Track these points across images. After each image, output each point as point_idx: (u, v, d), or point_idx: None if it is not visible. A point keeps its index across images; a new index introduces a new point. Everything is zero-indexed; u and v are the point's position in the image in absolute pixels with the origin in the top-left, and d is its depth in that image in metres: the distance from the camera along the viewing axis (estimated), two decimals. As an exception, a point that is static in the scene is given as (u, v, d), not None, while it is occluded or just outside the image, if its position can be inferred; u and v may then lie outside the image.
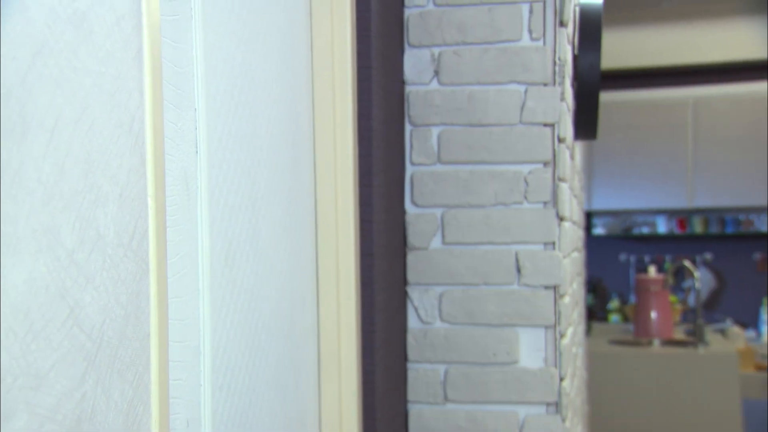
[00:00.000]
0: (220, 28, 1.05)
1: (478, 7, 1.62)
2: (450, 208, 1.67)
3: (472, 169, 1.65)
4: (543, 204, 1.64)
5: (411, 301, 1.69)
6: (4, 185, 0.62)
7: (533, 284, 1.65)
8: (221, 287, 1.04)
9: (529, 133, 1.63)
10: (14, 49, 0.64)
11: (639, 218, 5.52)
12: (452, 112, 1.65)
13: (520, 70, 1.62)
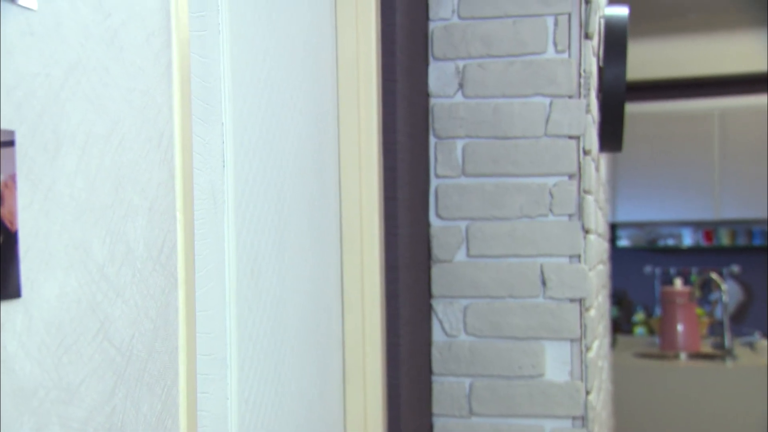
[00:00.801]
0: (246, 43, 1.06)
1: (502, 20, 1.62)
2: (475, 221, 1.66)
3: (497, 181, 1.65)
4: (568, 216, 1.63)
5: (435, 314, 1.69)
6: (38, 201, 0.63)
7: (559, 297, 1.64)
8: (247, 300, 1.04)
9: (554, 146, 1.62)
10: (48, 67, 0.65)
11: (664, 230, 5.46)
12: (477, 125, 1.65)
13: (545, 82, 1.62)
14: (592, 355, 1.75)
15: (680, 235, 5.48)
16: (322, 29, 1.32)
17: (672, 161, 5.17)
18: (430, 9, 1.65)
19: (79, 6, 0.69)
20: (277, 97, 1.15)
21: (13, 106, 0.61)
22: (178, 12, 0.83)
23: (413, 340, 1.56)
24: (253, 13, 1.08)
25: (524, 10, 1.61)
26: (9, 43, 0.61)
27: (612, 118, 1.76)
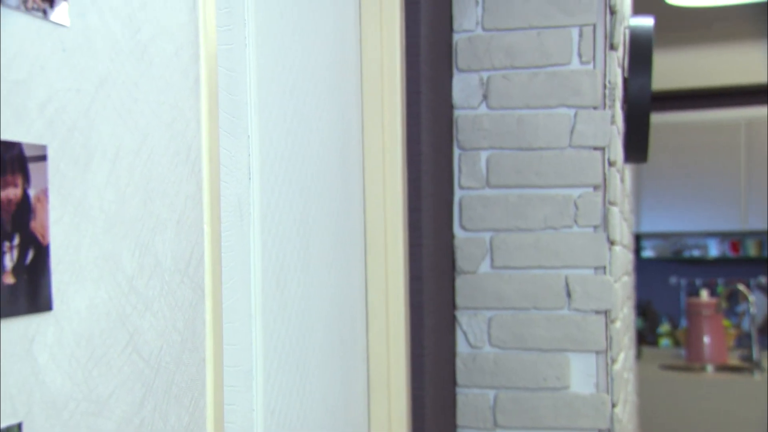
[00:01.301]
0: (272, 56, 1.07)
1: (526, 31, 1.62)
2: (499, 232, 1.65)
3: (521, 193, 1.64)
4: (593, 228, 1.62)
5: (460, 326, 1.68)
6: (68, 214, 0.64)
7: (584, 309, 1.62)
8: (273, 311, 1.05)
9: (578, 157, 1.61)
10: (79, 82, 0.66)
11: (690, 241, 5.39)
12: (501, 136, 1.64)
13: (570, 93, 1.61)
14: (618, 368, 1.73)
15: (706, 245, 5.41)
16: (346, 41, 1.33)
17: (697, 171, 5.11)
18: (454, 21, 1.66)
19: (110, 22, 0.70)
20: (302, 108, 1.16)
21: (46, 121, 0.62)
22: (206, 26, 0.83)
23: (437, 352, 1.55)
24: (278, 26, 1.09)
25: (549, 21, 1.61)
26: (42, 60, 0.62)
27: (637, 128, 1.75)
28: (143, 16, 0.74)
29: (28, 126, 0.60)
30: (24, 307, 0.59)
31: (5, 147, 0.58)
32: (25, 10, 0.60)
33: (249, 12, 1.01)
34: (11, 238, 0.58)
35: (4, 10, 0.58)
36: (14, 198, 0.58)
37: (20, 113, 0.59)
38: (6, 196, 0.58)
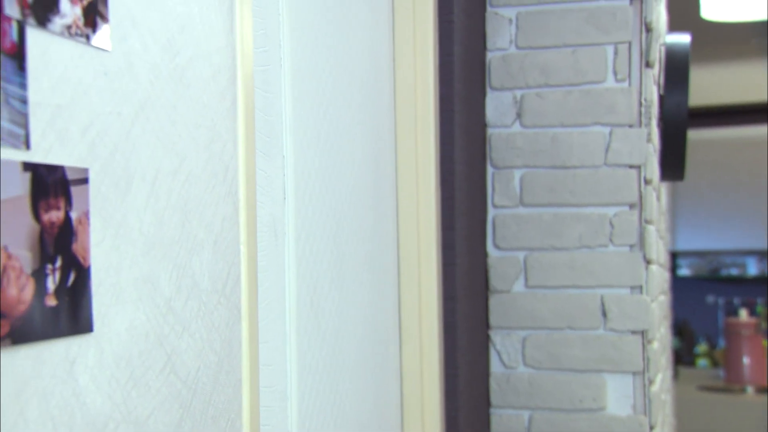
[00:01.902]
0: (307, 76, 1.08)
1: (561, 49, 1.61)
2: (533, 251, 1.64)
3: (556, 211, 1.63)
4: (629, 247, 1.60)
5: (493, 345, 1.66)
6: (109, 237, 0.65)
7: (620, 329, 1.60)
8: (307, 331, 1.05)
9: (614, 175, 1.60)
10: (120, 106, 0.67)
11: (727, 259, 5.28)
12: (535, 155, 1.63)
13: (605, 111, 1.59)
14: (656, 389, 1.69)
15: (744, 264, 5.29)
16: (379, 60, 1.33)
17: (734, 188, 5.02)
18: (487, 39, 1.66)
19: (150, 46, 0.71)
20: (336, 128, 1.17)
21: (88, 144, 0.63)
22: (244, 48, 0.84)
23: (471, 372, 1.54)
24: (313, 47, 1.09)
25: (583, 39, 1.60)
26: (85, 84, 0.63)
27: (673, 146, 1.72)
28: (182, 39, 0.75)
29: (70, 149, 0.61)
30: (66, 328, 0.59)
31: (48, 170, 0.59)
32: (68, 36, 0.61)
33: (284, 33, 1.02)
34: (54, 261, 0.59)
35: (48, 36, 0.59)
36: (57, 221, 0.59)
37: (63, 137, 0.61)
38: (49, 219, 0.58)
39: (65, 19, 0.61)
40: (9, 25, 0.55)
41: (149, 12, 0.70)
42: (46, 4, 0.59)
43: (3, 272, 0.54)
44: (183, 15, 0.75)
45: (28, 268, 0.56)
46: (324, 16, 1.12)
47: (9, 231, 0.54)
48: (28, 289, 0.56)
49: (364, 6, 1.26)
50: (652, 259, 1.63)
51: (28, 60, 0.57)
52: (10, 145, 0.55)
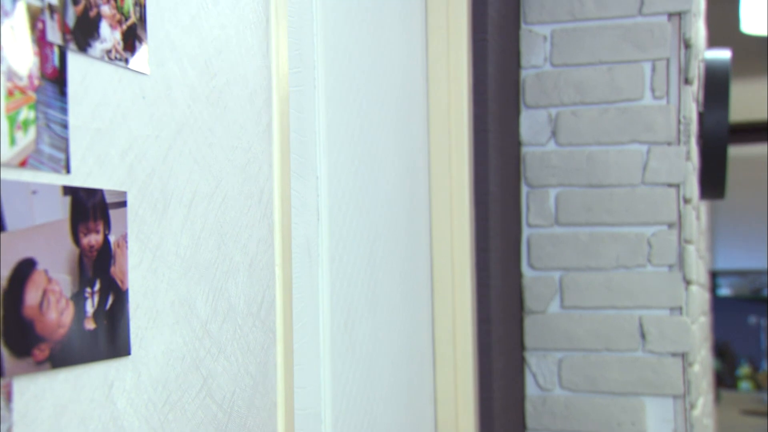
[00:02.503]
0: (340, 97, 1.08)
1: (597, 66, 1.59)
2: (569, 272, 1.61)
3: (592, 231, 1.60)
4: (668, 267, 1.56)
5: (529, 367, 1.64)
6: (146, 260, 0.65)
7: (659, 351, 1.56)
8: (341, 354, 1.04)
9: (652, 194, 1.57)
10: (158, 129, 0.68)
11: (769, 278, 5.16)
12: (570, 173, 1.61)
13: (642, 129, 1.57)
14: (698, 413, 1.65)
15: (787, 283, 5.16)
16: (413, 80, 1.33)
17: (776, 205, 4.90)
18: (521, 57, 1.64)
19: (187, 69, 0.71)
20: (370, 148, 1.16)
21: (126, 167, 0.63)
22: (279, 70, 0.85)
23: (506, 395, 1.51)
24: (347, 67, 1.09)
25: (620, 56, 1.58)
26: (124, 108, 0.63)
27: (713, 164, 1.69)
28: (219, 62, 0.75)
29: (109, 173, 0.62)
30: (104, 352, 0.59)
31: (88, 194, 0.59)
32: (108, 60, 0.62)
33: (318, 54, 1.02)
34: (92, 284, 0.59)
35: (89, 60, 0.60)
36: (96, 244, 0.59)
37: (102, 161, 0.61)
38: (88, 243, 0.59)
39: (105, 44, 0.61)
40: (51, 51, 0.56)
41: (187, 35, 0.71)
42: (87, 29, 0.59)
43: (43, 296, 0.54)
44: (220, 38, 0.75)
45: (68, 291, 0.56)
46: (357, 36, 1.13)
47: (49, 255, 0.54)
48: (68, 313, 0.56)
49: (397, 25, 1.26)
50: (692, 280, 1.59)
51: (68, 85, 0.58)
52: (50, 170, 0.55)
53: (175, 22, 0.69)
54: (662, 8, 1.56)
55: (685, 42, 1.57)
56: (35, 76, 0.54)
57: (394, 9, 1.25)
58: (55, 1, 0.56)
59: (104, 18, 0.61)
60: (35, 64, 0.54)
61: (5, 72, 0.52)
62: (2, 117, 0.51)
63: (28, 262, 0.53)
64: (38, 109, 0.54)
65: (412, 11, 1.33)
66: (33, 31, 0.54)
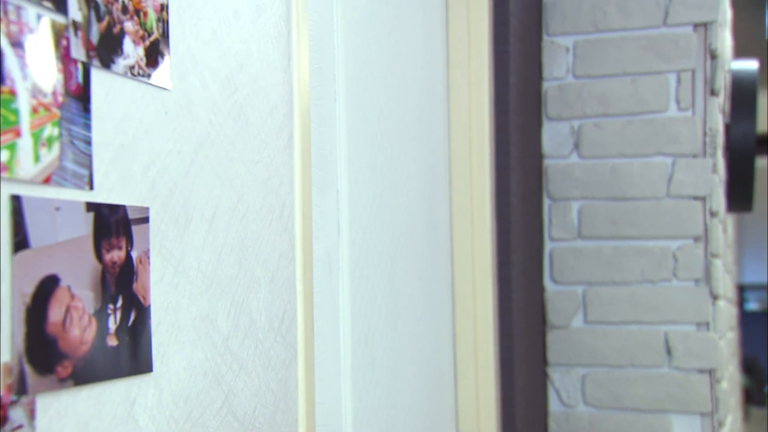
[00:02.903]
0: (361, 110, 1.07)
1: (620, 78, 1.58)
2: (592, 286, 1.59)
3: (616, 244, 1.58)
4: (694, 282, 1.53)
5: (552, 383, 1.61)
6: (168, 275, 0.65)
7: (686, 367, 1.53)
8: (361, 369, 1.03)
9: (677, 207, 1.54)
10: (180, 144, 0.67)
11: (798, 291, 5.06)
12: (594, 186, 1.59)
13: (667, 141, 1.55)
14: (726, 431, 1.61)
15: (816, 296, 5.07)
16: (434, 91, 1.32)
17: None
18: (543, 68, 1.63)
19: (209, 83, 0.71)
20: (390, 161, 1.16)
21: (148, 183, 0.63)
22: (300, 84, 0.84)
23: (529, 411, 1.49)
24: (367, 80, 1.09)
25: (644, 67, 1.56)
26: (146, 123, 0.63)
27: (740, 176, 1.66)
28: (240, 76, 0.75)
29: (131, 189, 0.61)
30: (126, 369, 0.59)
31: (110, 210, 0.59)
32: (131, 76, 0.62)
33: (339, 67, 1.02)
34: (115, 300, 0.58)
35: (112, 76, 0.60)
36: (118, 260, 0.59)
37: (125, 176, 0.61)
38: (110, 259, 0.58)
39: (128, 60, 0.61)
40: (75, 68, 0.56)
41: (209, 50, 0.71)
42: (111, 45, 0.59)
43: (66, 313, 0.54)
44: (241, 52, 0.75)
45: (90, 308, 0.56)
46: (378, 48, 1.12)
47: (72, 271, 0.54)
48: (90, 330, 0.56)
49: (417, 36, 1.26)
50: (719, 295, 1.56)
51: (92, 101, 0.58)
52: (74, 186, 0.55)
53: (196, 36, 0.69)
54: (687, 19, 1.54)
55: (711, 53, 1.55)
56: (59, 93, 0.54)
57: (414, 20, 1.25)
58: (80, 18, 0.56)
59: (127, 34, 0.61)
60: (59, 81, 0.54)
61: (30, 89, 0.52)
62: (27, 134, 0.51)
63: (52, 279, 0.53)
64: (62, 126, 0.54)
65: (433, 22, 1.32)
66: (57, 48, 0.54)
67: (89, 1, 0.57)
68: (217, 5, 0.72)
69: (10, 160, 0.50)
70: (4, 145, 0.49)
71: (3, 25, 0.50)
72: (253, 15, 0.77)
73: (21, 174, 0.51)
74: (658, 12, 1.56)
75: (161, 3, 0.65)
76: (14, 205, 0.50)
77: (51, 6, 0.53)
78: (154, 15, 0.64)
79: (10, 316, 0.49)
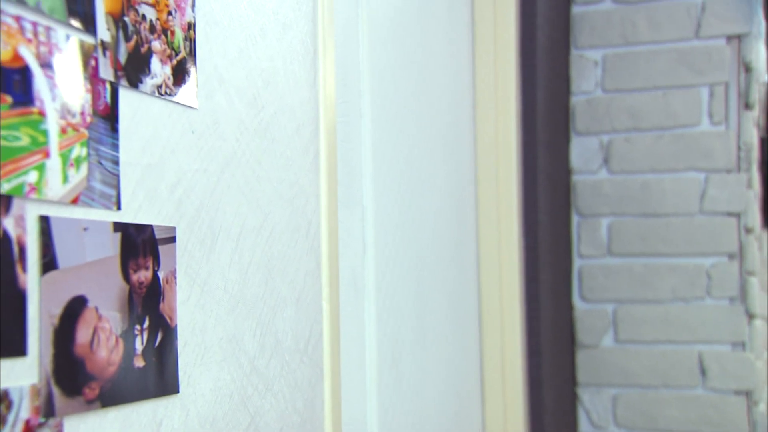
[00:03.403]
0: (387, 126, 1.06)
1: (651, 92, 1.55)
2: (623, 304, 1.56)
3: (647, 262, 1.55)
4: (729, 300, 1.50)
5: (582, 404, 1.58)
6: (195, 295, 0.64)
7: (721, 389, 1.49)
8: (388, 387, 1.01)
9: (710, 224, 1.51)
10: (206, 163, 0.67)
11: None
12: (623, 202, 1.57)
13: (700, 156, 1.52)
14: (762, 454, 1.56)
15: None
16: (460, 106, 1.31)
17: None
18: (571, 82, 1.62)
19: (235, 102, 0.71)
20: (416, 178, 1.15)
21: (175, 202, 0.63)
22: (326, 101, 0.84)
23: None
24: (393, 94, 1.08)
25: (675, 81, 1.54)
26: (173, 143, 0.63)
27: (775, 191, 1.62)
28: (267, 95, 0.75)
29: (158, 208, 0.61)
30: (153, 390, 0.58)
31: (138, 230, 0.58)
32: (158, 95, 0.62)
33: (364, 83, 1.01)
34: (142, 321, 0.58)
35: (140, 96, 0.60)
36: (145, 280, 0.59)
37: (152, 196, 0.60)
38: (138, 279, 0.58)
39: (156, 79, 0.61)
40: (103, 87, 0.56)
41: (235, 69, 0.70)
42: (138, 65, 0.59)
43: (94, 334, 0.53)
44: (268, 70, 0.75)
45: (118, 329, 0.55)
46: (403, 62, 1.12)
47: (99, 292, 0.54)
48: (118, 351, 0.55)
49: (443, 51, 1.25)
50: (755, 313, 1.52)
51: (120, 121, 0.57)
52: (101, 206, 0.55)
53: (223, 54, 0.69)
54: (720, 31, 1.51)
55: (745, 65, 1.52)
56: (87, 113, 0.54)
57: (440, 34, 1.24)
58: (108, 38, 0.56)
59: (155, 53, 0.61)
60: (87, 101, 0.54)
61: (59, 110, 0.52)
62: (55, 155, 0.51)
63: (80, 300, 0.52)
64: (90, 146, 0.54)
65: (459, 36, 1.32)
66: (86, 68, 0.54)
67: (117, 21, 0.57)
68: (243, 23, 0.71)
69: (38, 181, 0.50)
70: (33, 166, 0.49)
71: (33, 46, 0.50)
72: (279, 32, 0.77)
73: (50, 195, 0.50)
74: (690, 24, 1.53)
75: (188, 22, 0.65)
76: (42, 226, 0.50)
77: (80, 26, 0.53)
78: (181, 34, 0.64)
79: (38, 337, 0.49)
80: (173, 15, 0.63)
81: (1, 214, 0.47)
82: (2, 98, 0.47)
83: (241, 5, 0.71)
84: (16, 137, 0.48)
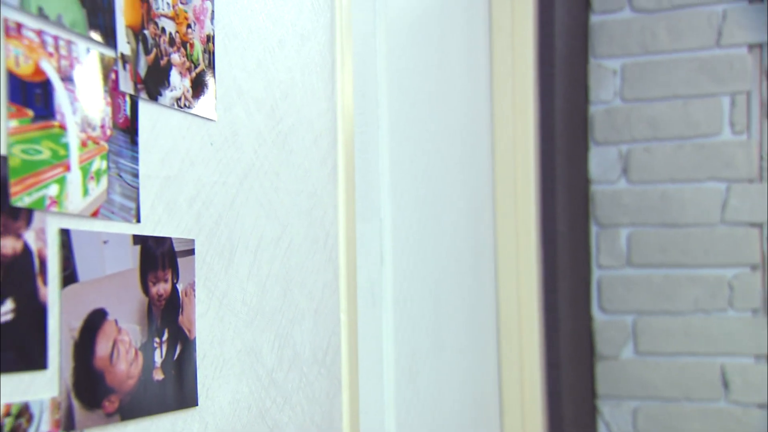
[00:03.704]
0: (404, 137, 1.06)
1: (671, 101, 1.54)
2: (643, 315, 1.54)
3: (667, 273, 1.53)
4: (752, 312, 1.48)
5: (602, 417, 1.56)
6: (213, 308, 0.64)
7: (744, 402, 1.47)
8: (405, 401, 1.01)
9: (732, 234, 1.49)
10: (225, 175, 0.67)
11: None
12: (643, 212, 1.55)
13: (721, 166, 1.50)
14: (787, 469, 1.54)
15: None
16: (478, 116, 1.31)
17: None
18: (590, 92, 1.61)
19: (254, 113, 0.71)
20: (434, 188, 1.14)
21: (194, 214, 0.63)
22: (344, 112, 0.84)
23: (578, 444, 1.44)
24: (411, 106, 1.08)
25: (696, 89, 1.52)
26: (192, 155, 0.63)
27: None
28: (285, 106, 0.75)
29: (177, 221, 0.61)
30: (172, 403, 0.58)
31: (157, 243, 0.58)
32: (177, 108, 0.62)
33: (381, 94, 1.01)
34: (161, 334, 0.58)
35: (159, 108, 0.60)
36: (164, 293, 0.59)
37: (171, 209, 0.61)
38: (157, 292, 0.58)
39: (175, 92, 0.61)
40: (123, 100, 0.56)
41: (254, 80, 0.71)
42: (158, 78, 0.60)
43: (113, 347, 0.53)
44: (286, 81, 0.75)
45: (137, 341, 0.55)
46: (420, 72, 1.12)
47: (119, 305, 0.54)
48: (137, 364, 0.55)
49: (461, 60, 1.25)
50: (777, 325, 1.50)
51: (139, 134, 0.58)
52: (121, 219, 0.55)
53: (242, 66, 0.69)
54: (742, 39, 1.50)
55: (767, 74, 1.50)
56: (108, 126, 0.54)
57: (457, 44, 1.24)
58: (128, 51, 0.56)
59: (174, 66, 0.61)
60: (108, 114, 0.54)
61: (79, 123, 0.52)
62: (76, 168, 0.51)
63: (99, 313, 0.52)
64: (110, 159, 0.54)
65: (476, 44, 1.31)
66: (106, 82, 0.54)
67: (137, 34, 0.57)
68: (262, 35, 0.72)
69: (59, 194, 0.50)
70: (53, 180, 0.49)
71: (54, 60, 0.50)
72: (297, 44, 0.77)
73: (70, 208, 0.51)
74: (710, 33, 1.52)
75: (207, 34, 0.65)
76: (63, 239, 0.50)
77: (100, 40, 0.54)
78: (200, 46, 0.64)
79: (58, 350, 0.49)
80: (192, 28, 0.63)
81: (22, 228, 0.47)
82: (24, 112, 0.48)
83: (259, 17, 0.71)
84: (37, 151, 0.48)
